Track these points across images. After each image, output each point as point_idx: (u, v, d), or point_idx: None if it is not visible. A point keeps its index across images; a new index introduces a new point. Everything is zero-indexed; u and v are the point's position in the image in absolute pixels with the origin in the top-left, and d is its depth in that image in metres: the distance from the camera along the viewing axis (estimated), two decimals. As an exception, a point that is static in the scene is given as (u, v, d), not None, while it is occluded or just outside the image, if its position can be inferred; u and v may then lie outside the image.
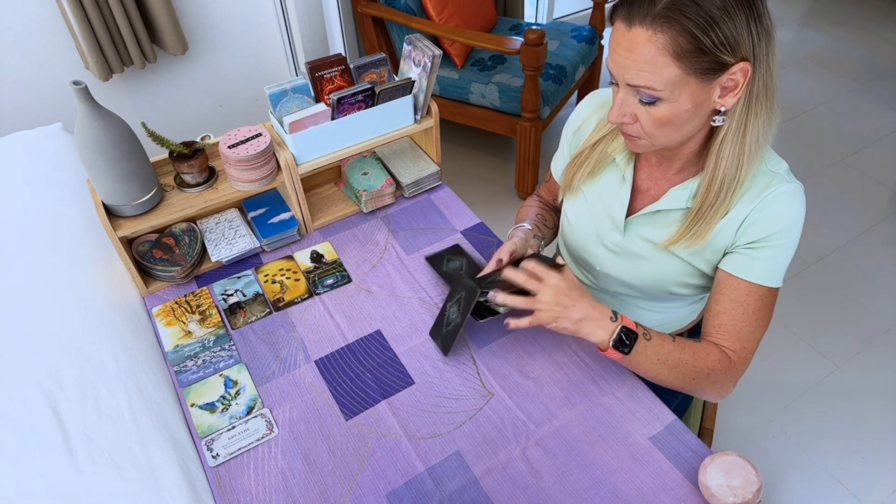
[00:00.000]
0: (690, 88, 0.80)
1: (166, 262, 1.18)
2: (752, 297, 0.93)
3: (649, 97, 0.82)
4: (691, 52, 0.77)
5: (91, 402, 0.98)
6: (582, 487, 0.90)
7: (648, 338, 0.92)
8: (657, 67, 0.78)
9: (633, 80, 0.81)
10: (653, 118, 0.84)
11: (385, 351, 1.09)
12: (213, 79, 2.42)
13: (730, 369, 0.94)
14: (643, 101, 0.83)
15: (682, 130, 0.86)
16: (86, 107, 1.02)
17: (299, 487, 0.91)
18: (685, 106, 0.82)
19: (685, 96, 0.81)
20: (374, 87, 1.21)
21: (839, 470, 1.67)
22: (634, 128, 0.87)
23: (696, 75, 0.79)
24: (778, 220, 0.90)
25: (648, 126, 0.85)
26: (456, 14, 2.36)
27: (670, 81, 0.79)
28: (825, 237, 2.33)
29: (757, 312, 0.93)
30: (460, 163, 2.69)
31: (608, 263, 1.08)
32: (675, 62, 0.78)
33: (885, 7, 3.76)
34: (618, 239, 1.04)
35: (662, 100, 0.81)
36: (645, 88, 0.81)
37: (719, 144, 0.88)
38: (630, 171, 1.01)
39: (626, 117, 0.86)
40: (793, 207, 0.91)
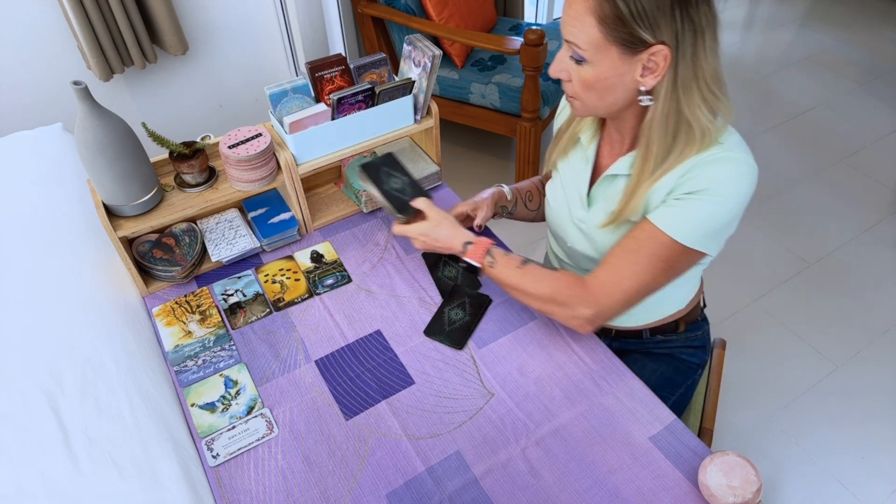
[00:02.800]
0: (612, 57, 0.86)
1: (166, 262, 1.18)
2: (651, 239, 0.93)
3: (577, 55, 0.88)
4: (612, 18, 0.83)
5: (91, 402, 0.98)
6: (582, 487, 0.90)
7: (492, 266, 1.04)
8: (584, 26, 0.85)
9: (567, 35, 0.88)
10: (580, 78, 0.91)
11: (385, 351, 1.09)
12: (213, 79, 2.42)
13: (581, 296, 0.97)
14: (573, 59, 0.90)
15: (606, 99, 0.92)
16: (86, 107, 1.02)
17: (299, 487, 0.91)
18: (606, 73, 0.88)
19: (607, 63, 0.87)
20: (374, 88, 1.21)
21: (839, 470, 1.67)
22: (569, 86, 0.94)
23: (617, 45, 0.85)
24: (710, 181, 0.91)
25: (577, 86, 0.92)
26: (456, 14, 2.36)
27: (592, 43, 0.86)
28: (825, 237, 2.33)
29: (649, 256, 0.94)
30: (460, 163, 2.69)
31: (577, 240, 1.12)
32: (597, 24, 0.84)
33: (885, 7, 3.76)
34: (584, 215, 1.08)
35: (587, 61, 0.88)
36: (574, 45, 0.88)
37: (648, 125, 0.92)
38: (593, 148, 1.07)
39: (562, 73, 0.93)
40: (732, 172, 0.91)
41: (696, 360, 1.22)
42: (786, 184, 2.57)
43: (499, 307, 1.16)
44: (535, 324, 1.13)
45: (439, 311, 1.15)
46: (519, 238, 2.35)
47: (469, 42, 2.15)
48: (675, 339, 1.20)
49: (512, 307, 1.16)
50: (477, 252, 1.05)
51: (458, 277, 1.21)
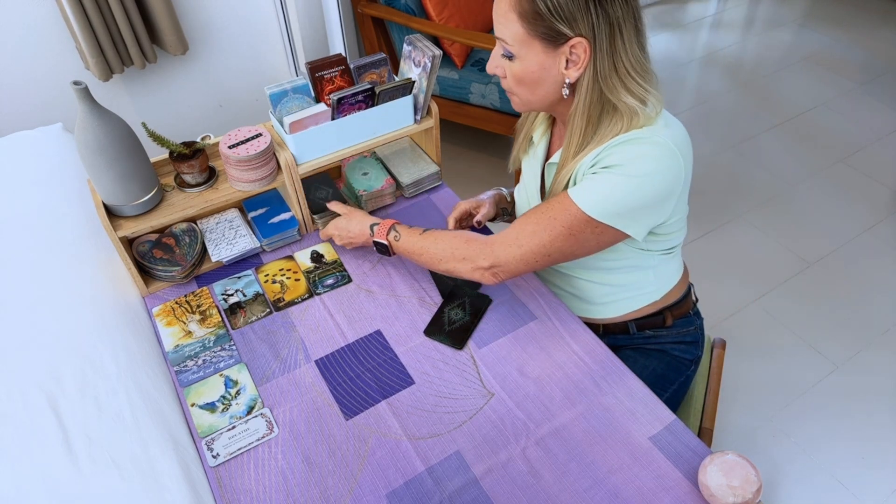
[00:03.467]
0: (536, 51, 0.91)
1: (166, 262, 1.18)
2: (557, 204, 0.97)
3: (506, 51, 0.94)
4: (531, 14, 0.88)
5: (91, 401, 0.98)
6: (582, 487, 0.90)
7: (397, 239, 1.12)
8: (508, 22, 0.91)
9: (496, 31, 0.94)
10: (512, 73, 0.96)
11: (385, 351, 1.09)
12: (213, 79, 2.42)
13: (481, 249, 1.02)
14: (504, 56, 0.95)
15: (537, 92, 0.97)
16: (86, 107, 1.02)
17: (299, 487, 0.91)
18: (532, 67, 0.93)
19: (532, 58, 0.92)
20: (375, 88, 1.21)
21: (839, 470, 1.67)
22: (505, 82, 0.99)
23: (539, 39, 0.90)
24: (619, 156, 0.93)
25: (511, 81, 0.98)
26: (456, 14, 2.36)
27: (517, 38, 0.91)
28: (825, 237, 2.33)
29: (551, 220, 0.97)
30: (460, 163, 2.69)
31: None
32: (519, 20, 0.89)
33: (885, 7, 3.77)
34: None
35: (515, 56, 0.93)
36: (502, 41, 0.93)
37: (572, 113, 0.97)
38: (543, 144, 1.14)
39: (497, 69, 0.98)
40: (640, 150, 0.93)
41: (688, 357, 1.22)
42: (786, 184, 2.57)
43: (499, 307, 1.16)
44: (535, 324, 1.13)
45: (439, 311, 1.15)
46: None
47: (469, 42, 2.15)
48: (665, 333, 1.20)
49: (512, 307, 1.16)
50: (382, 231, 1.13)
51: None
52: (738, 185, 2.56)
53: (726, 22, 3.72)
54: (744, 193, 2.52)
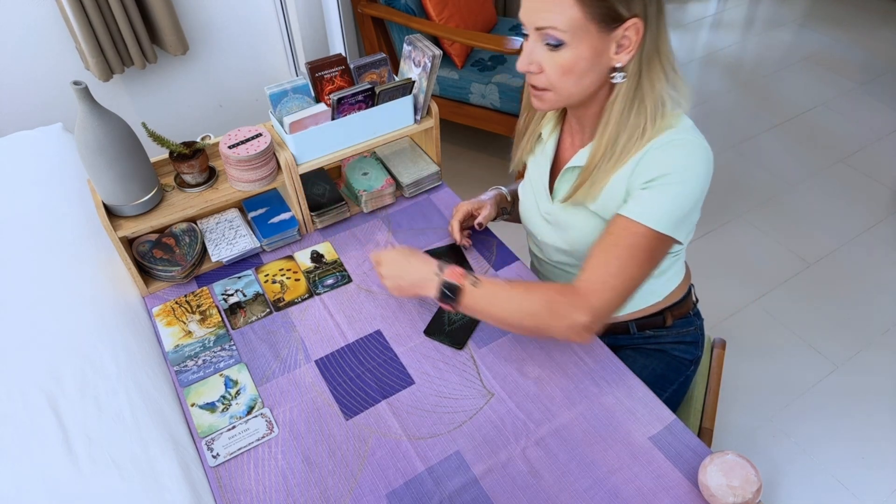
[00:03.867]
0: (591, 37, 0.87)
1: (166, 262, 1.18)
2: (626, 232, 0.93)
3: (555, 40, 0.87)
4: None
5: (91, 401, 0.98)
6: (582, 487, 0.90)
7: (475, 285, 0.96)
8: (562, 7, 0.85)
9: (539, 21, 0.87)
10: (556, 65, 0.90)
11: (385, 351, 1.09)
12: (213, 79, 2.42)
13: (575, 299, 0.92)
14: (550, 45, 0.88)
15: (582, 82, 0.92)
16: (86, 107, 1.02)
17: (299, 487, 0.91)
18: (585, 54, 0.88)
19: (585, 44, 0.87)
20: (375, 88, 1.21)
21: (839, 470, 1.67)
22: (540, 78, 0.93)
23: (595, 22, 0.86)
24: (667, 164, 0.92)
25: (553, 74, 0.91)
26: (456, 14, 2.36)
27: (573, 24, 0.85)
28: (825, 237, 2.33)
29: (629, 249, 0.92)
30: (460, 163, 2.69)
31: (545, 233, 1.14)
32: (576, 3, 0.84)
33: (884, 7, 3.77)
34: (549, 207, 1.11)
35: (566, 44, 0.87)
36: (551, 29, 0.87)
37: (612, 104, 0.93)
38: (553, 141, 1.10)
39: (532, 66, 0.92)
40: (686, 153, 0.92)
41: (688, 357, 1.22)
42: (786, 184, 2.57)
43: (499, 307, 1.16)
44: (535, 324, 1.13)
45: (439, 311, 1.15)
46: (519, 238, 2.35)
47: (469, 42, 2.15)
48: (664, 333, 1.20)
49: (512, 307, 1.16)
50: (455, 272, 0.98)
51: None
52: (738, 185, 2.56)
53: (726, 22, 3.72)
54: (744, 193, 2.52)
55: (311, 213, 1.30)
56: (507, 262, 1.24)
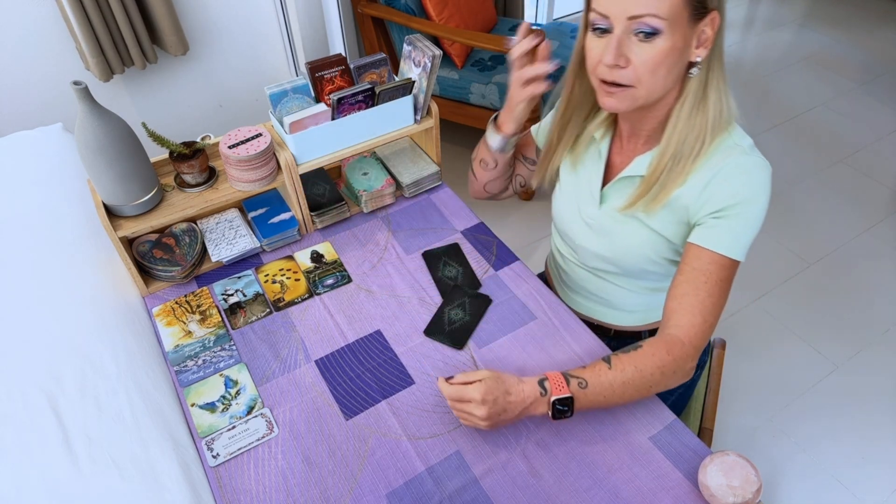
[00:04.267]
0: (683, 26, 0.83)
1: (166, 262, 1.18)
2: (714, 266, 0.92)
3: (651, 28, 0.82)
4: None
5: (91, 401, 0.98)
6: (582, 487, 0.90)
7: (584, 386, 0.89)
8: None
9: (637, 8, 0.81)
10: (648, 57, 0.84)
11: (385, 351, 1.09)
12: (213, 79, 2.42)
13: (684, 353, 0.91)
14: (643, 33, 0.83)
15: (668, 78, 0.88)
16: (86, 107, 1.02)
17: (299, 487, 0.91)
18: (678, 44, 0.84)
19: (679, 33, 0.83)
20: (375, 88, 1.21)
21: (839, 470, 1.67)
22: (626, 73, 0.86)
23: (689, 10, 0.82)
24: (739, 191, 0.91)
25: (642, 68, 0.85)
26: (456, 14, 2.36)
27: (672, 10, 0.81)
28: (825, 237, 2.33)
29: (719, 284, 0.92)
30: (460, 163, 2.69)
31: (585, 238, 1.11)
32: None
33: (884, 7, 3.77)
34: (594, 212, 1.08)
35: (661, 33, 0.82)
36: (650, 17, 0.81)
37: (681, 104, 0.91)
38: (606, 145, 1.05)
39: (621, 59, 0.85)
40: (756, 180, 0.92)
41: None
42: (786, 184, 2.57)
43: (499, 307, 1.16)
44: (535, 324, 1.13)
45: (439, 311, 1.15)
46: (519, 238, 2.35)
47: (469, 42, 2.15)
48: None
49: (512, 307, 1.16)
50: (557, 383, 0.89)
51: (458, 277, 1.21)
52: (738, 185, 2.56)
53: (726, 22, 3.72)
54: (744, 193, 2.52)
55: (311, 213, 1.30)
56: (507, 262, 1.24)
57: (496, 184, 1.25)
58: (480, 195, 1.29)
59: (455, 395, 0.89)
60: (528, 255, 2.29)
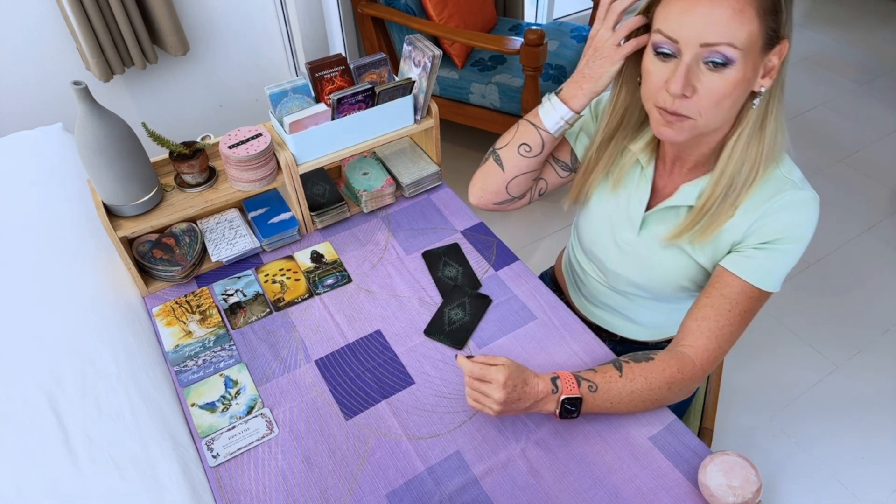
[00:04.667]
0: (754, 57, 0.79)
1: (166, 262, 1.18)
2: (742, 296, 0.91)
3: (724, 58, 0.77)
4: (770, 9, 0.77)
5: (91, 401, 0.98)
6: (582, 487, 0.90)
7: (594, 390, 0.89)
8: (742, 21, 0.76)
9: (713, 37, 0.76)
10: (716, 88, 0.79)
11: (385, 351, 1.09)
12: (213, 79, 2.42)
13: (693, 374, 0.91)
14: (715, 63, 0.78)
15: (731, 110, 0.84)
16: (86, 107, 1.02)
17: (299, 487, 0.91)
18: (748, 75, 0.80)
19: (750, 65, 0.79)
20: (375, 88, 1.21)
21: (839, 470, 1.67)
22: (690, 105, 0.81)
23: (763, 40, 0.78)
24: (788, 227, 0.89)
25: (706, 99, 0.80)
26: (456, 14, 2.36)
27: (749, 39, 0.77)
28: (825, 237, 2.33)
29: (742, 314, 0.91)
30: (460, 163, 2.69)
31: (617, 263, 1.08)
32: (757, 17, 0.76)
33: (885, 7, 3.77)
34: (631, 238, 1.04)
35: (734, 63, 0.78)
36: (725, 46, 0.76)
37: (740, 134, 0.87)
38: (651, 169, 1.00)
39: (688, 89, 0.80)
40: (805, 216, 0.89)
41: None
42: (786, 184, 2.57)
43: (499, 307, 1.16)
44: (535, 324, 1.13)
45: (439, 311, 1.15)
46: (519, 238, 2.35)
47: (469, 42, 2.15)
48: None
49: (512, 307, 1.16)
50: (568, 383, 0.89)
51: (458, 277, 1.21)
52: (738, 185, 2.56)
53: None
54: (744, 193, 2.52)
55: (311, 213, 1.30)
56: (506, 262, 1.24)
57: (523, 181, 1.08)
58: (489, 200, 1.12)
59: (479, 373, 0.87)
60: (528, 255, 2.29)
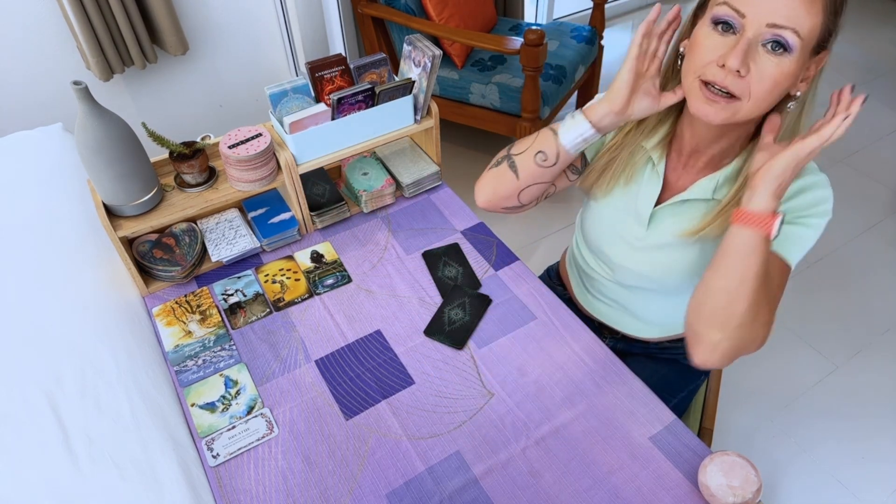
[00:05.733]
0: (806, 55, 0.79)
1: (166, 262, 1.18)
2: (775, 268, 0.88)
3: (788, 43, 0.76)
4: (835, 10, 0.77)
5: (91, 401, 0.98)
6: (582, 487, 0.90)
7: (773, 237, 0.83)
8: (811, 11, 0.75)
9: (782, 18, 0.75)
10: (771, 73, 0.78)
11: (385, 351, 1.09)
12: (213, 79, 2.42)
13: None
14: (775, 46, 0.76)
15: (773, 102, 0.82)
16: (86, 107, 1.02)
17: (299, 487, 0.91)
18: (797, 71, 0.79)
19: (801, 61, 0.78)
20: (375, 88, 1.21)
21: (839, 470, 1.67)
22: (741, 84, 0.79)
23: (817, 38, 0.78)
24: (812, 204, 0.90)
25: (760, 83, 0.78)
26: (456, 14, 2.36)
27: (811, 32, 0.77)
28: (825, 237, 2.31)
29: (779, 287, 0.89)
30: (460, 163, 2.69)
31: (628, 257, 1.07)
32: (823, 12, 0.76)
33: (885, 7, 3.76)
34: (640, 233, 1.03)
35: (793, 52, 0.77)
36: (790, 31, 0.75)
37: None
38: (662, 165, 0.99)
39: (744, 66, 0.77)
40: (825, 194, 0.91)
41: None
42: (786, 184, 2.56)
43: (499, 307, 1.16)
44: (535, 324, 1.13)
45: (439, 311, 1.15)
46: (519, 238, 2.35)
47: (469, 42, 2.15)
48: (680, 346, 1.20)
49: (512, 307, 1.16)
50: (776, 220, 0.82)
51: (458, 277, 1.21)
52: (738, 185, 2.56)
53: (726, 22, 3.72)
54: (744, 193, 2.52)
55: (311, 213, 1.30)
56: (506, 262, 1.24)
57: (536, 191, 1.04)
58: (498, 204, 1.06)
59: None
60: (528, 255, 2.29)
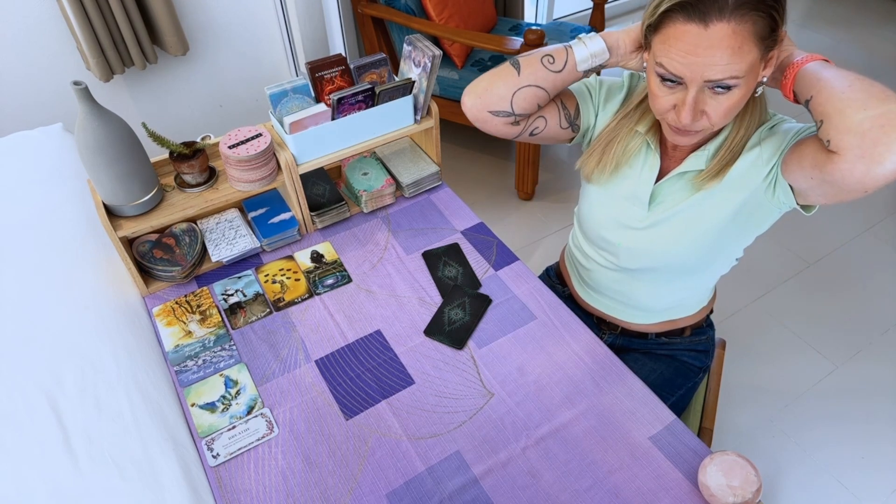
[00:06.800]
0: (756, 69, 0.82)
1: (167, 262, 1.18)
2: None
3: (729, 84, 0.81)
4: (767, 32, 0.79)
5: (91, 401, 0.98)
6: (582, 487, 0.90)
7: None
8: (743, 56, 0.78)
9: (716, 74, 0.80)
10: (723, 107, 0.84)
11: (385, 351, 1.09)
12: (213, 79, 2.42)
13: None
14: (719, 89, 0.82)
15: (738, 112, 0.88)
16: (86, 107, 1.02)
17: (299, 487, 0.91)
18: (751, 85, 0.83)
19: (752, 76, 0.82)
20: (375, 88, 1.21)
21: (839, 470, 1.67)
22: (701, 123, 0.87)
23: (762, 54, 0.81)
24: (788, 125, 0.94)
25: (717, 117, 0.85)
26: (456, 14, 2.36)
27: (750, 65, 0.80)
28: (825, 237, 2.33)
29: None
30: (460, 163, 2.69)
31: (632, 238, 1.07)
32: (756, 46, 0.79)
33: (885, 7, 3.77)
34: (642, 214, 1.04)
35: (738, 85, 0.81)
36: (729, 79, 0.80)
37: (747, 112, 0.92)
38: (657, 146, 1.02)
39: (697, 115, 0.85)
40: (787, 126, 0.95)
41: (698, 364, 1.22)
42: (786, 184, 2.56)
43: (499, 307, 1.16)
44: (535, 324, 1.13)
45: (439, 311, 1.15)
46: (519, 238, 2.35)
47: (469, 42, 2.15)
48: (678, 341, 1.20)
49: (512, 307, 1.16)
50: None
51: (458, 277, 1.21)
52: (738, 185, 2.56)
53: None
54: (744, 193, 2.52)
55: (311, 213, 1.30)
56: (506, 262, 1.24)
57: (531, 96, 0.98)
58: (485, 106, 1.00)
59: None
60: (528, 255, 2.29)
